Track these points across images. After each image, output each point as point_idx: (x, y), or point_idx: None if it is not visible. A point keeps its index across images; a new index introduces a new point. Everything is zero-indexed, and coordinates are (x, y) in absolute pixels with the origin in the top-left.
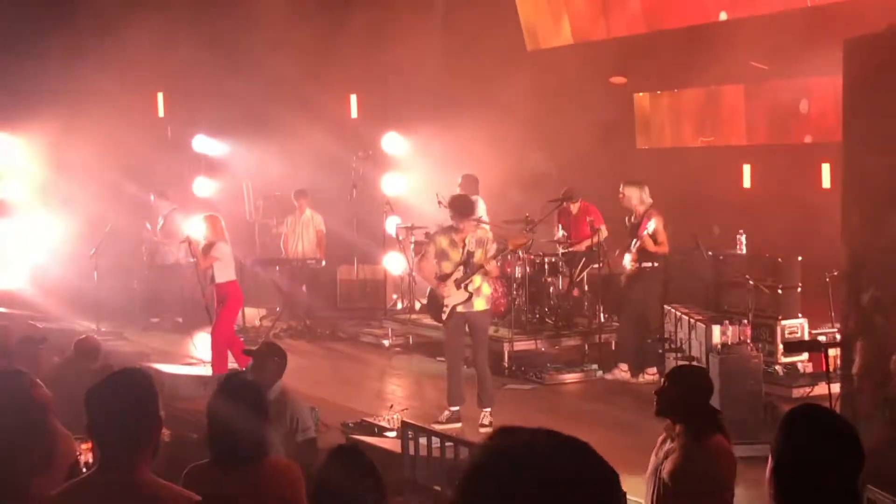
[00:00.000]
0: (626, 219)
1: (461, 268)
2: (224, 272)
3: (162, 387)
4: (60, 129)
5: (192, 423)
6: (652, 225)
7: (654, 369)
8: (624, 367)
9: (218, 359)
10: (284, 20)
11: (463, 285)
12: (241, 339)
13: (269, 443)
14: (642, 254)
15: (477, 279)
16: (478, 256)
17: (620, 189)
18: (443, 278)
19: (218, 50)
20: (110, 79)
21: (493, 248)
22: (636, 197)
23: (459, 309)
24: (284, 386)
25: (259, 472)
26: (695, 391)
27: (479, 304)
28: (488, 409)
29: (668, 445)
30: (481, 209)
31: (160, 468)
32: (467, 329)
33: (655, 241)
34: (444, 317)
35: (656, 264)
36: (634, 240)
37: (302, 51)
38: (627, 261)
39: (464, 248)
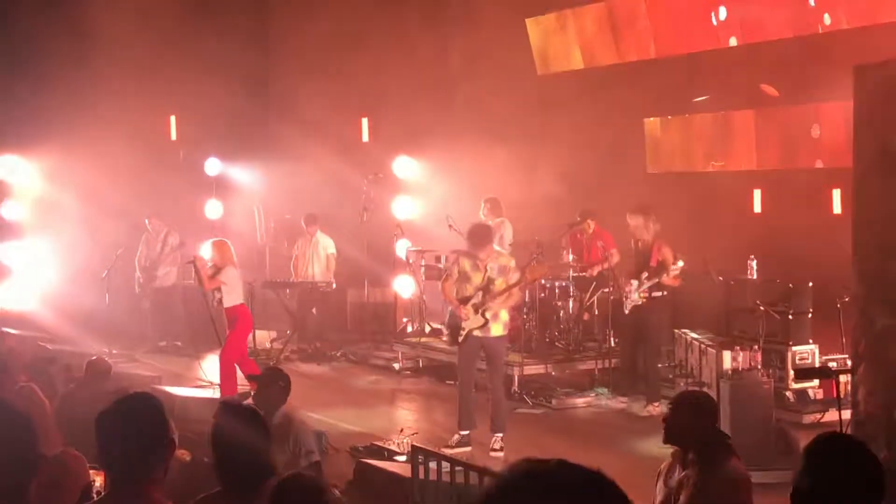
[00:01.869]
0: (632, 243)
1: (480, 292)
2: (231, 296)
3: (173, 409)
4: (73, 151)
5: (203, 445)
6: (679, 265)
7: (658, 402)
8: (656, 404)
9: (226, 381)
10: (295, 44)
11: (480, 310)
12: (253, 360)
13: (274, 466)
14: (656, 285)
15: (496, 306)
16: (498, 284)
17: (627, 218)
18: (464, 301)
19: (230, 74)
20: (123, 102)
21: (514, 277)
22: (641, 224)
23: (476, 333)
24: (288, 410)
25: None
26: (701, 417)
27: (497, 330)
28: (500, 435)
29: (678, 473)
30: (508, 231)
31: (176, 490)
32: (483, 354)
33: (670, 271)
34: (460, 339)
35: (665, 293)
36: (645, 272)
37: (313, 75)
38: (636, 292)
39: (485, 273)
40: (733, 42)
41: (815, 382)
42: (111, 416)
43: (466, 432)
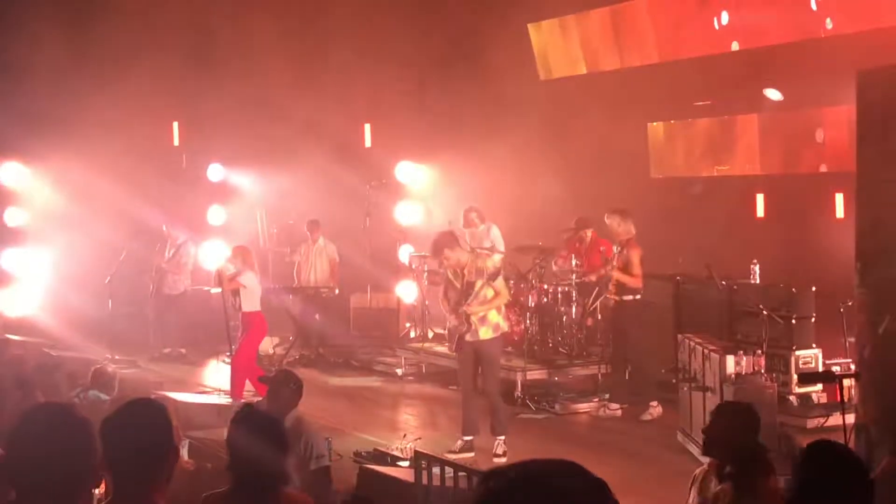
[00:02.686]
0: (616, 248)
1: (462, 296)
2: (250, 301)
3: (176, 416)
4: (76, 157)
5: (206, 452)
6: (622, 257)
7: (656, 402)
8: (654, 403)
9: (237, 385)
10: (297, 50)
11: (464, 315)
12: (260, 367)
13: (288, 474)
14: (619, 287)
15: (479, 308)
16: (478, 286)
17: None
18: (453, 309)
19: (232, 80)
20: (126, 108)
21: (498, 279)
22: (615, 225)
23: (467, 338)
24: (300, 414)
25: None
26: (743, 430)
27: (485, 333)
28: (502, 438)
29: (714, 485)
30: (495, 235)
31: (180, 498)
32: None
33: (630, 273)
34: (453, 346)
35: (637, 297)
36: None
37: (315, 80)
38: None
39: (463, 277)
40: (735, 47)
41: (819, 387)
42: (115, 423)
43: (469, 438)
